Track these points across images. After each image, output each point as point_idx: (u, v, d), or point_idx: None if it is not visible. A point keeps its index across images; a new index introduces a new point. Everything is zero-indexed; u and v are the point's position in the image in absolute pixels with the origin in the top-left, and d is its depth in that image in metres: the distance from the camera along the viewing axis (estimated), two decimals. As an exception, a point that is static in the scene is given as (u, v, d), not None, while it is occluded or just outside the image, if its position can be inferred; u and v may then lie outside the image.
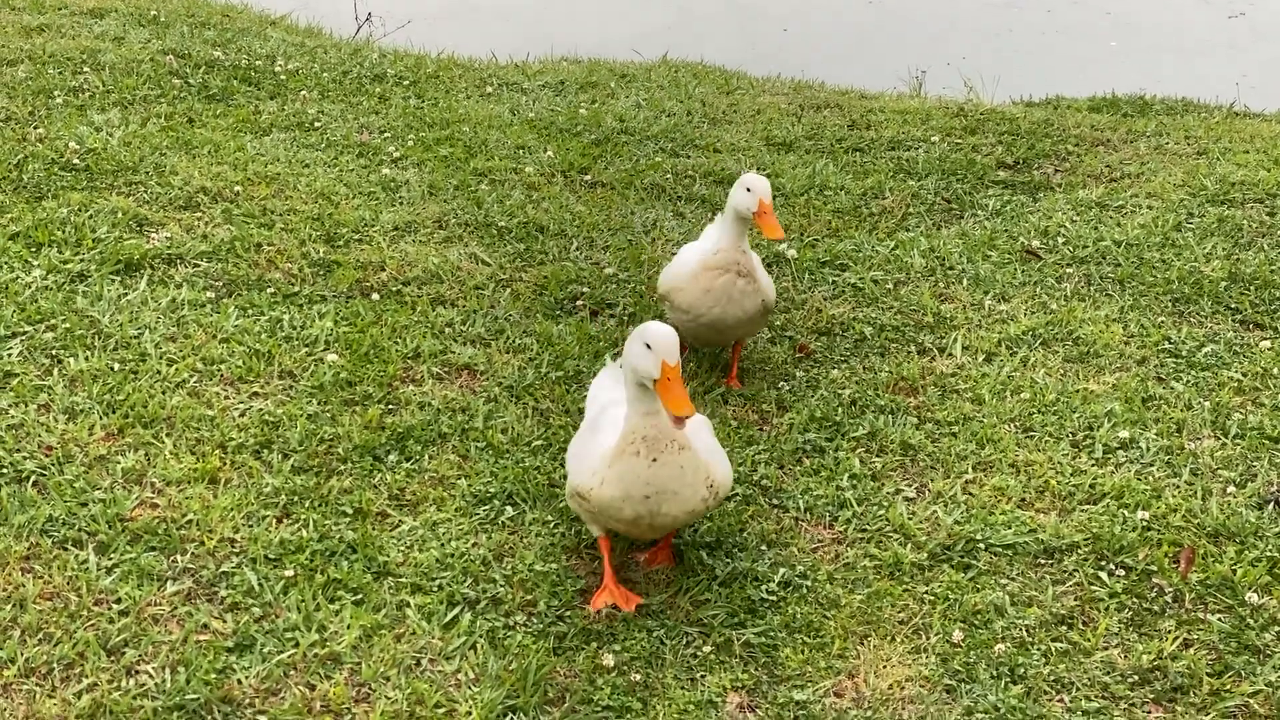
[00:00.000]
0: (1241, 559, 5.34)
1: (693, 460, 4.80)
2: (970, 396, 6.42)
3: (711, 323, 6.13)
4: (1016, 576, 5.29)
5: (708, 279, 6.07)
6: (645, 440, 4.72)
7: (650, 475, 4.74)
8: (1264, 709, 4.70)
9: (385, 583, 5.03)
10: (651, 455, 4.73)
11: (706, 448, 4.95)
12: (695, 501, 4.83)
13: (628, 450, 4.75)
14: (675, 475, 4.76)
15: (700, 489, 4.83)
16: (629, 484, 4.74)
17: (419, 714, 4.48)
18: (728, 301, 6.08)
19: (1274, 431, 6.14)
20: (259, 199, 7.73)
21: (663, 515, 4.80)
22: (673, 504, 4.78)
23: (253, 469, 5.54)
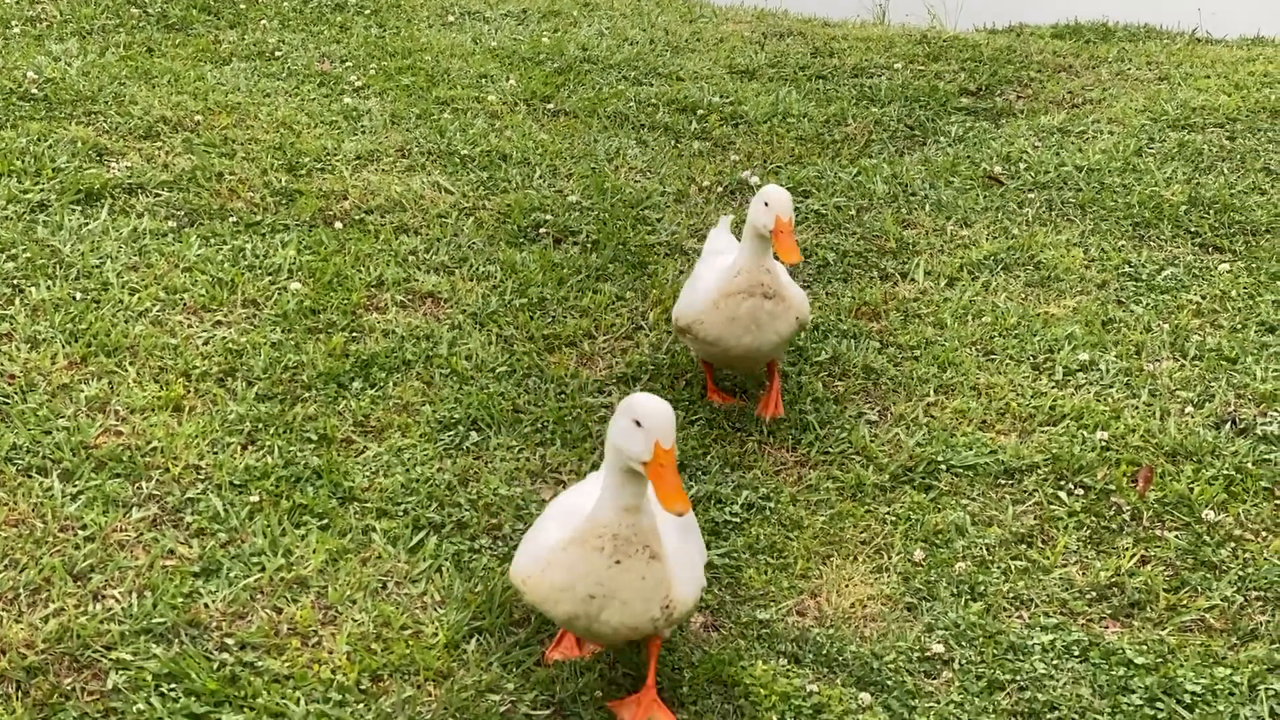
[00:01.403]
0: (1199, 477, 5.41)
1: (658, 572, 4.07)
2: (932, 321, 6.46)
3: (745, 353, 5.49)
4: (977, 497, 5.34)
5: (731, 306, 5.39)
6: (615, 539, 4.02)
7: (606, 576, 4.04)
8: (1220, 623, 4.78)
9: (351, 508, 5.06)
10: (616, 556, 4.03)
11: (677, 555, 4.19)
12: (643, 619, 4.09)
13: (590, 543, 4.03)
14: (632, 584, 4.05)
15: (653, 607, 4.08)
16: (577, 577, 4.05)
17: (385, 636, 4.52)
18: (758, 328, 5.41)
19: (1232, 353, 6.20)
20: (220, 128, 7.69)
21: (601, 622, 4.09)
22: (617, 613, 4.07)
23: (217, 396, 5.54)
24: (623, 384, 5.87)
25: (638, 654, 4.42)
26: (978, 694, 4.46)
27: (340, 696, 4.26)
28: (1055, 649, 4.64)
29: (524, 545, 4.30)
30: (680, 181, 7.68)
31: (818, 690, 4.41)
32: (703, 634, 4.69)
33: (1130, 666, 4.56)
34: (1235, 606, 4.84)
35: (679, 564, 4.16)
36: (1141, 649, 4.63)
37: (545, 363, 5.96)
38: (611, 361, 6.02)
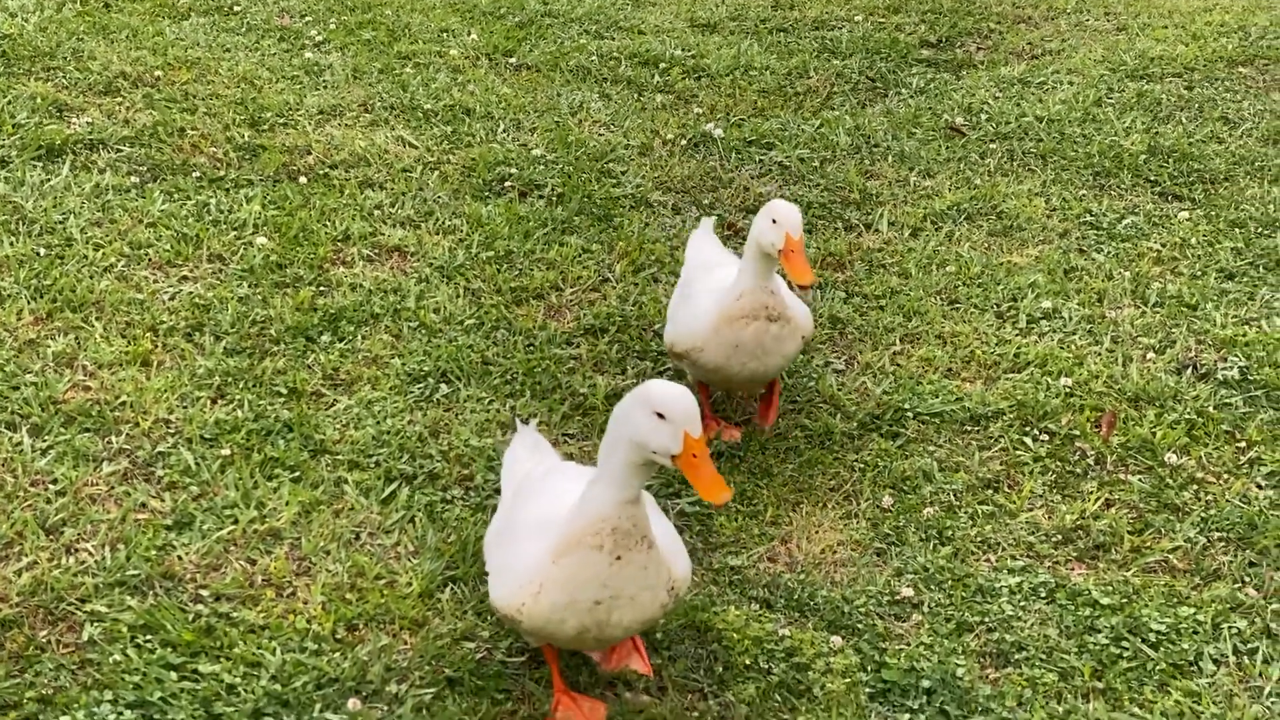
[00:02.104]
0: (1161, 422, 5.48)
1: (656, 558, 3.86)
2: (897, 271, 6.50)
3: (750, 377, 5.12)
4: (944, 443, 5.39)
5: (733, 331, 4.98)
6: (615, 533, 3.76)
7: (609, 576, 3.78)
8: (1183, 564, 4.85)
9: (322, 460, 5.07)
10: (617, 552, 3.77)
11: (661, 534, 3.99)
12: (654, 608, 3.89)
13: (588, 543, 3.76)
14: (637, 576, 3.81)
15: (660, 592, 3.89)
16: (579, 586, 3.78)
17: (360, 585, 4.54)
18: (764, 353, 5.03)
19: (1192, 299, 6.27)
20: (180, 84, 7.64)
21: (613, 626, 3.86)
22: (628, 611, 3.85)
23: (185, 351, 5.54)
24: (590, 335, 5.89)
25: None
26: (947, 636, 4.52)
27: (316, 646, 4.29)
28: (1022, 591, 4.70)
29: (500, 574, 3.96)
30: (644, 135, 7.68)
31: (790, 634, 4.46)
32: (675, 581, 4.72)
33: (1096, 607, 4.62)
34: (1198, 548, 4.91)
35: (665, 540, 3.98)
36: (1107, 590, 4.70)
37: (513, 315, 5.98)
38: (579, 313, 6.04)
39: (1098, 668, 4.41)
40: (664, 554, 3.89)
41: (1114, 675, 4.38)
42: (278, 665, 4.19)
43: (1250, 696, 4.33)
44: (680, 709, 4.21)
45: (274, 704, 4.08)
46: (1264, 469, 5.26)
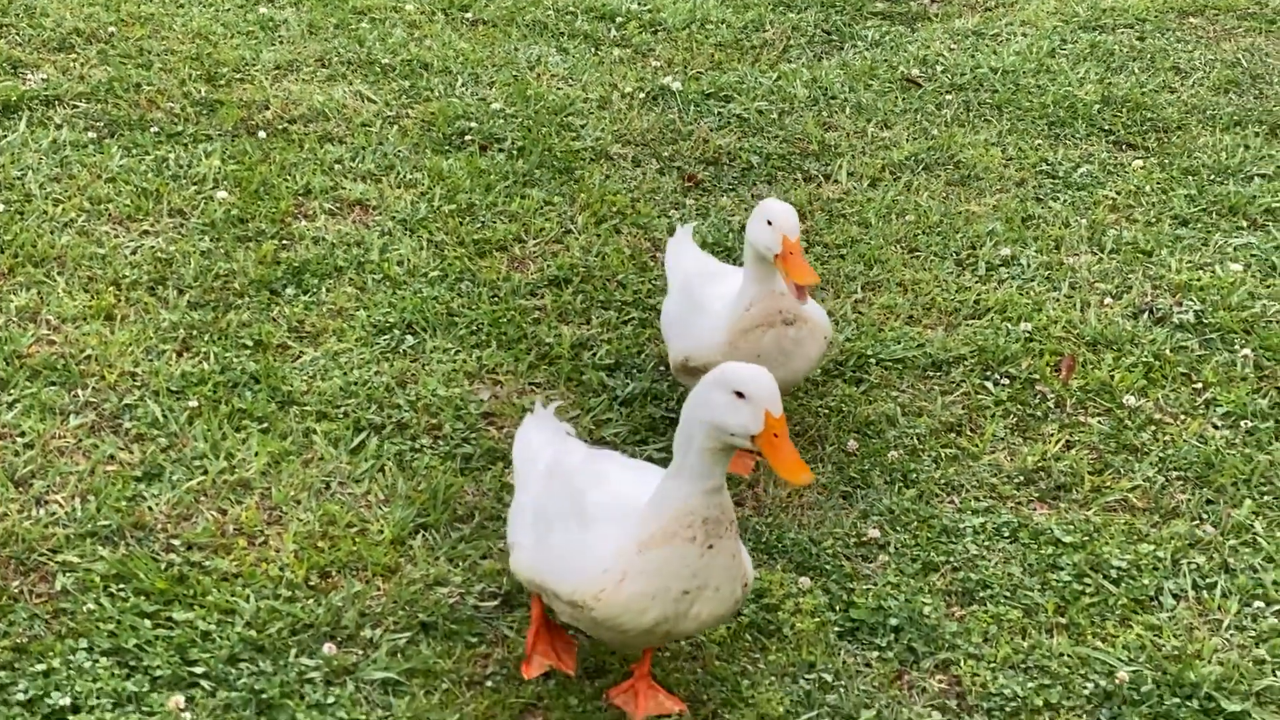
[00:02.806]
0: (1119, 365, 5.56)
1: (740, 548, 3.82)
2: (857, 220, 6.55)
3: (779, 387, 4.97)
4: (906, 389, 5.46)
5: (751, 342, 4.73)
6: (706, 523, 3.69)
7: (701, 565, 3.71)
8: (1142, 502, 4.93)
9: (290, 411, 5.08)
10: (709, 541, 3.70)
11: None
12: (730, 601, 3.81)
13: (680, 535, 3.68)
14: (726, 566, 3.75)
15: (737, 587, 3.82)
16: (670, 577, 3.69)
17: (331, 534, 4.56)
18: (787, 359, 4.77)
19: (1147, 246, 6.35)
20: (135, 39, 7.60)
21: (690, 619, 3.76)
22: (709, 604, 3.76)
23: (149, 305, 5.53)
24: (554, 286, 5.91)
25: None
26: (913, 575, 4.59)
27: (290, 592, 4.31)
28: (986, 531, 4.77)
29: (569, 555, 3.83)
30: (602, 88, 7.69)
31: (759, 576, 4.51)
32: (643, 525, 4.77)
33: (1058, 545, 4.70)
34: (1157, 486, 4.99)
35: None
36: (1069, 528, 4.77)
37: (477, 267, 5.99)
38: (543, 264, 6.06)
39: (1061, 604, 4.49)
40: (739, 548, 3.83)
41: (1077, 610, 4.46)
42: (252, 612, 4.21)
43: (1209, 629, 4.42)
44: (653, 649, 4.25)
45: (249, 649, 4.10)
46: (1220, 409, 5.35)
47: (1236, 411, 5.34)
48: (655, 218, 6.47)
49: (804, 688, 4.16)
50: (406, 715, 3.97)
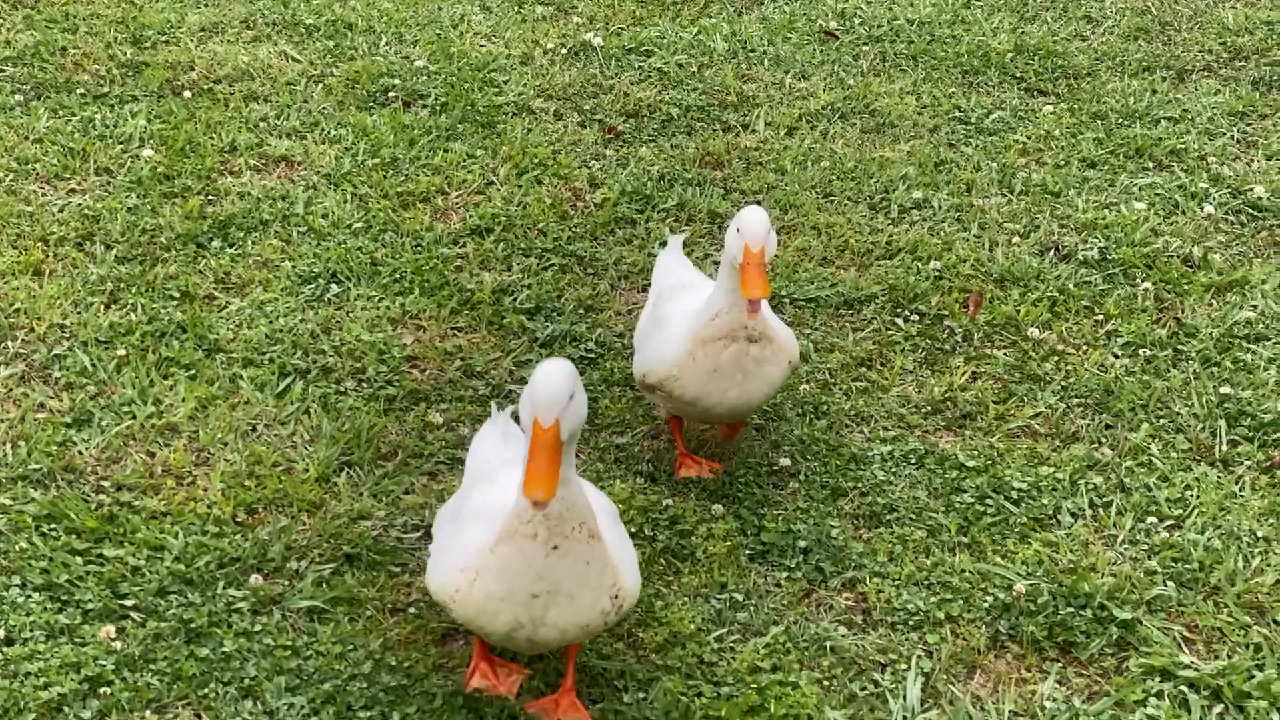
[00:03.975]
0: (1024, 300, 5.75)
1: (602, 555, 3.63)
2: (774, 168, 6.71)
3: (731, 408, 4.60)
4: (820, 326, 5.62)
5: (709, 355, 4.48)
6: (547, 519, 3.53)
7: (546, 566, 3.55)
8: (1044, 428, 5.12)
9: (217, 358, 5.20)
10: (553, 541, 3.55)
11: (612, 541, 3.75)
12: (593, 613, 3.65)
13: (521, 531, 3.55)
14: (577, 571, 3.58)
15: (603, 598, 3.65)
16: (515, 576, 3.57)
17: (258, 473, 4.69)
18: (745, 378, 4.52)
19: (1055, 187, 6.54)
20: (59, 4, 7.67)
21: (548, 626, 3.64)
22: (566, 611, 3.61)
23: (77, 260, 5.64)
24: (476, 235, 6.04)
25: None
26: (822, 500, 4.76)
27: (217, 529, 4.45)
28: (893, 458, 4.95)
29: (441, 555, 3.80)
30: (525, 45, 7.81)
31: (673, 503, 4.67)
32: (563, 460, 4.92)
33: (962, 470, 4.88)
34: (1058, 413, 5.18)
35: (619, 549, 3.76)
36: (973, 454, 4.96)
37: (400, 218, 6.12)
38: (465, 215, 6.19)
39: (963, 524, 4.67)
40: (611, 558, 3.67)
41: (978, 530, 4.64)
42: (180, 547, 4.34)
43: (1104, 544, 4.61)
44: (570, 576, 4.41)
45: (178, 583, 4.23)
46: (1120, 340, 5.55)
47: (1136, 341, 5.54)
48: (576, 168, 6.60)
49: (715, 607, 4.33)
50: (331, 641, 4.11)
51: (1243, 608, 4.35)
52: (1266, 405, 5.15)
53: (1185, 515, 4.71)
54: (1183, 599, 4.38)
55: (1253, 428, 5.07)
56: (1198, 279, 5.86)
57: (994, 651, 4.24)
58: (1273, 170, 6.64)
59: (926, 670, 4.15)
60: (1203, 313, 5.70)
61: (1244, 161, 6.76)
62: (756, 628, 4.27)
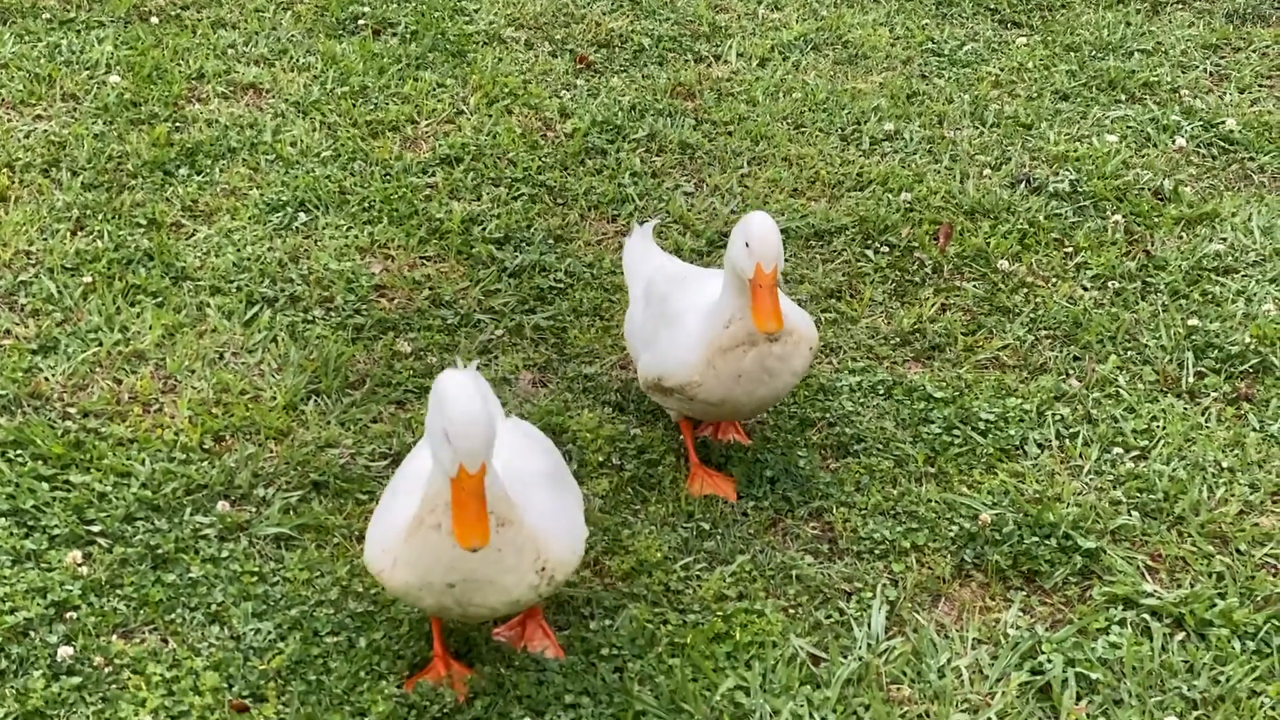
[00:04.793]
0: (995, 232, 5.74)
1: (517, 538, 3.48)
2: (745, 99, 6.68)
3: (759, 404, 4.38)
4: (790, 257, 5.61)
5: (731, 362, 4.22)
6: (450, 509, 3.36)
7: (455, 559, 3.43)
8: (1012, 359, 5.14)
9: (184, 286, 5.18)
10: None
11: (541, 512, 3.60)
12: (521, 589, 3.54)
13: (426, 521, 3.43)
14: (490, 560, 3.45)
15: (527, 574, 3.52)
16: (427, 569, 3.47)
17: (225, 401, 4.68)
18: (771, 376, 4.28)
19: (1027, 119, 6.53)
20: (25, -72, 7.57)
21: (476, 606, 3.55)
22: (488, 593, 3.52)
23: (43, 186, 5.59)
24: (446, 164, 6.01)
25: None
26: (790, 431, 4.77)
27: (184, 455, 4.44)
28: (862, 389, 4.96)
29: (374, 521, 3.69)
30: (497, -27, 7.74)
31: (641, 433, 4.68)
32: (532, 389, 4.92)
33: (930, 400, 4.89)
34: (1026, 345, 5.20)
35: (549, 520, 3.60)
36: (941, 385, 4.97)
37: (369, 147, 6.08)
38: (434, 144, 6.16)
39: (930, 454, 4.69)
40: (534, 532, 3.52)
41: (945, 460, 4.66)
42: (147, 474, 4.34)
43: (1070, 474, 4.64)
44: (538, 504, 4.42)
45: (145, 509, 4.23)
46: (1089, 272, 5.56)
47: (1105, 273, 5.54)
48: (547, 98, 6.56)
49: (682, 536, 4.34)
50: (298, 567, 4.11)
51: (1206, 537, 4.39)
52: (1234, 338, 5.18)
53: (1151, 446, 4.73)
54: (1147, 529, 4.41)
55: (1220, 360, 5.09)
56: (1168, 212, 5.87)
57: (959, 580, 4.27)
58: (1245, 103, 6.64)
59: (891, 598, 4.18)
60: (1172, 245, 5.71)
61: (1216, 95, 6.76)
62: (723, 556, 4.28)
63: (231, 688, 3.78)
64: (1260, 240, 5.70)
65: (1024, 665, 3.97)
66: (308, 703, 3.74)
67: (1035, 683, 3.93)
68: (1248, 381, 5.02)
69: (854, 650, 4.01)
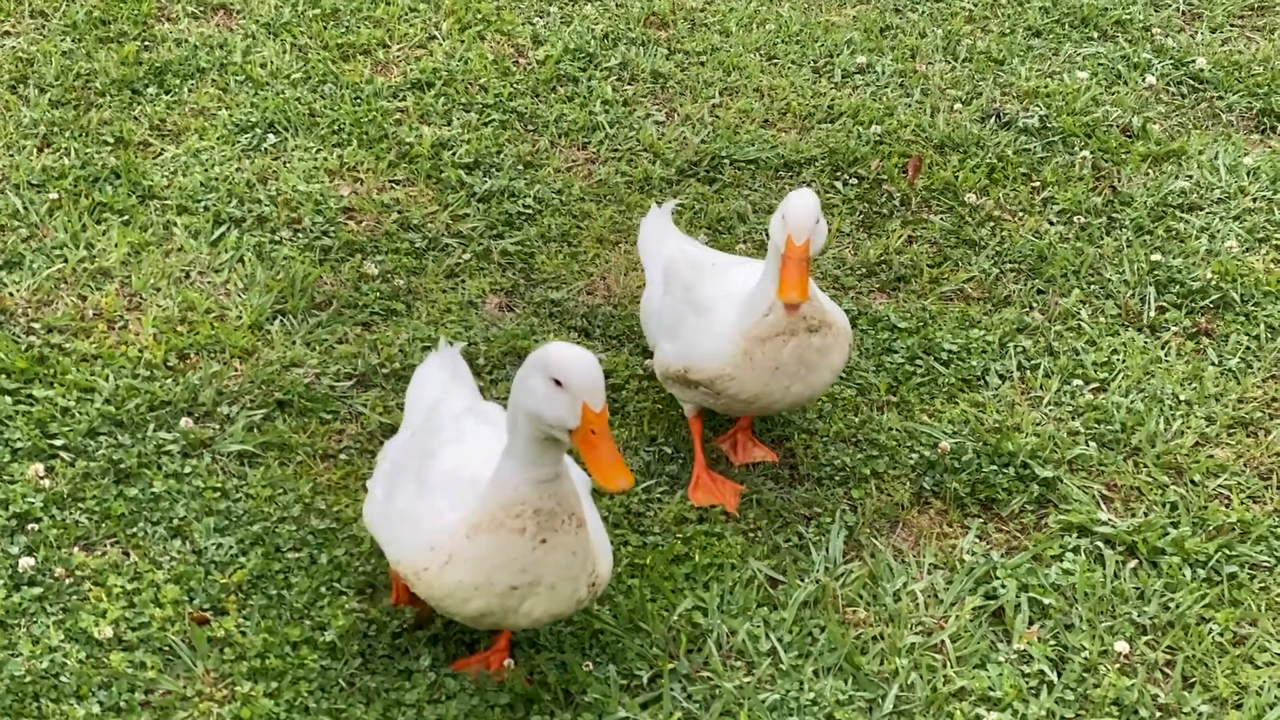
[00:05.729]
0: (963, 166, 5.76)
1: (586, 543, 3.44)
2: (719, 29, 6.66)
3: (794, 401, 4.17)
4: (758, 188, 5.63)
5: (769, 353, 4.02)
6: (538, 515, 3.33)
7: (531, 561, 3.36)
8: (976, 291, 5.17)
9: (151, 205, 5.17)
10: (542, 535, 3.35)
11: (593, 522, 3.57)
12: (569, 602, 3.47)
13: (508, 525, 3.34)
14: (562, 563, 3.39)
15: (581, 586, 3.47)
16: (495, 569, 3.37)
17: (190, 319, 4.69)
18: (809, 371, 4.08)
19: (999, 55, 6.53)
20: None
21: (521, 614, 3.46)
22: (541, 601, 3.43)
23: (9, 103, 5.57)
24: (417, 89, 5.99)
25: None
26: (754, 358, 4.79)
27: (148, 372, 4.45)
28: (826, 318, 4.98)
29: (402, 521, 3.54)
30: (472, -101, 7.68)
31: (605, 357, 4.70)
32: (498, 314, 4.94)
33: (894, 330, 4.93)
34: (991, 278, 5.23)
35: (597, 531, 3.57)
36: (905, 316, 5.00)
37: (340, 70, 6.05)
38: (405, 69, 6.14)
39: (893, 384, 4.72)
40: (592, 540, 3.49)
41: (907, 389, 4.70)
42: (111, 390, 4.35)
43: (1030, 405, 4.68)
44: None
45: (108, 424, 4.25)
46: (1056, 207, 5.58)
47: (1071, 208, 5.57)
48: (519, 25, 6.53)
49: (644, 459, 4.38)
50: (262, 484, 4.14)
51: (1161, 468, 4.44)
52: (1196, 273, 5.21)
53: (1110, 379, 4.77)
54: (1103, 459, 4.46)
55: (1181, 295, 5.13)
56: (1136, 148, 5.89)
57: (917, 507, 4.32)
58: (1215, 43, 6.65)
59: (850, 524, 4.22)
60: (1139, 182, 5.73)
61: (1188, 34, 6.77)
62: (685, 480, 4.32)
63: (192, 600, 3.81)
64: (1225, 178, 5.73)
65: (978, 590, 4.03)
66: (268, 616, 3.78)
67: (989, 607, 3.99)
68: (1208, 317, 5.06)
69: (811, 573, 4.06)
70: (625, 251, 5.24)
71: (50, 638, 3.66)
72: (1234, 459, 4.51)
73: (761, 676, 3.77)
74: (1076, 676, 3.81)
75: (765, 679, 3.77)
